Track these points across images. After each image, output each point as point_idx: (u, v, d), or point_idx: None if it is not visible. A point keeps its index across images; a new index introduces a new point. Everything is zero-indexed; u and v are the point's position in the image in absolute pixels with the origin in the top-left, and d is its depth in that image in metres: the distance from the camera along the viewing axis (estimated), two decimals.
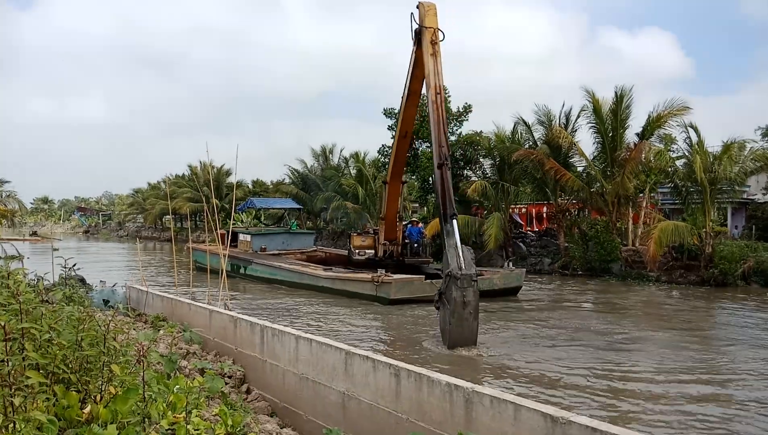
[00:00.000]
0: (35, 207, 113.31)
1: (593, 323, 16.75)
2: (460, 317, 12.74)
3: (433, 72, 15.32)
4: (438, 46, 15.51)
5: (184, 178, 64.49)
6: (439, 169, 14.53)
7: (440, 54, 15.51)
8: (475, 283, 12.97)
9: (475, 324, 12.90)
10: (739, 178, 26.11)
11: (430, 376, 5.11)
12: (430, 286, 19.97)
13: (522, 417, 4.26)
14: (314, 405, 6.64)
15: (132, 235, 75.59)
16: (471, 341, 12.89)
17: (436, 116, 14.94)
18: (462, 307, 12.69)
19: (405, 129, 21.36)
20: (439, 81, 15.28)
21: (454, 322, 12.80)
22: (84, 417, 3.19)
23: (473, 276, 12.92)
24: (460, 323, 12.76)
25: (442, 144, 14.69)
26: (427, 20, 15.79)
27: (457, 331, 12.83)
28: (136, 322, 10.65)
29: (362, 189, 42.19)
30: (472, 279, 12.83)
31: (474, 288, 12.88)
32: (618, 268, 27.13)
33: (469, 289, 12.75)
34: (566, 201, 31.81)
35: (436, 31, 15.58)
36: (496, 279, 21.47)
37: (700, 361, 12.35)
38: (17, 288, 3.18)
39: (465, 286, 12.72)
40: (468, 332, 12.84)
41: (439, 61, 15.43)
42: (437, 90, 15.17)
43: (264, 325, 7.77)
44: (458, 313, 12.73)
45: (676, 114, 26.70)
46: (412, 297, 19.38)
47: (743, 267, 23.74)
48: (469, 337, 12.87)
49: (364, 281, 20.54)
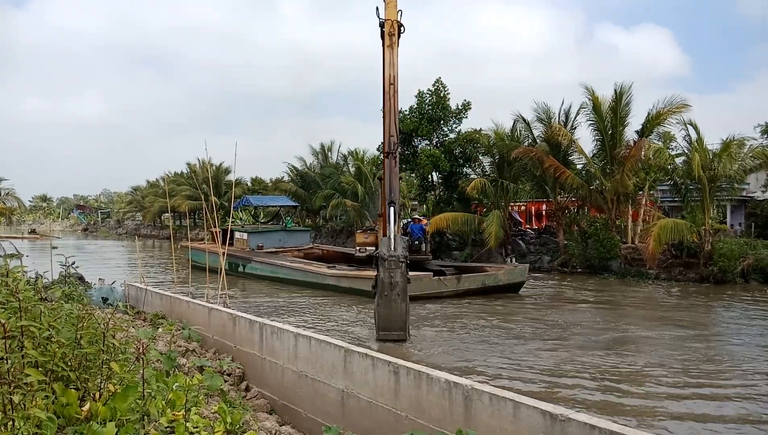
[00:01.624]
0: (34, 205, 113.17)
1: (583, 320, 16.76)
2: (388, 299, 12.82)
3: (388, 63, 15.46)
4: (395, 38, 15.63)
5: (182, 176, 64.41)
6: (386, 158, 14.77)
7: (397, 45, 15.65)
8: (403, 265, 13.00)
9: (403, 306, 12.87)
10: (739, 176, 26.13)
11: (429, 373, 5.12)
12: (439, 282, 20.09)
13: (521, 414, 4.26)
14: (313, 402, 6.64)
15: (131, 233, 75.58)
16: (400, 326, 12.85)
17: (389, 106, 15.17)
18: (390, 288, 12.79)
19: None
20: (394, 72, 15.45)
21: (382, 303, 12.90)
22: (83, 414, 3.19)
23: (400, 258, 12.99)
24: (388, 304, 12.84)
25: (392, 133, 14.92)
26: (387, 12, 15.90)
27: (384, 313, 12.90)
28: (135, 319, 10.65)
29: (361, 187, 42.18)
30: (399, 260, 12.91)
31: (402, 270, 12.93)
32: (617, 265, 27.15)
33: (397, 271, 12.87)
34: (566, 198, 31.81)
35: (393, 23, 15.67)
36: (500, 275, 21.62)
37: (699, 360, 12.37)
38: (16, 286, 3.18)
39: (392, 268, 12.84)
40: (396, 315, 12.83)
41: (395, 53, 15.56)
42: (391, 80, 15.37)
43: (263, 323, 7.77)
44: (386, 294, 12.82)
45: (675, 111, 26.69)
46: (421, 294, 19.48)
47: (742, 264, 23.76)
48: (397, 320, 12.84)
49: (371, 279, 20.49)
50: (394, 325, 12.88)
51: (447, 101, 37.54)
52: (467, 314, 17.62)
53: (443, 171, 36.35)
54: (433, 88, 37.60)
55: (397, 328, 12.89)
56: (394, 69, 15.45)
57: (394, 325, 12.87)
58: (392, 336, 12.83)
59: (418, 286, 19.76)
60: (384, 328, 12.95)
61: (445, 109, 37.35)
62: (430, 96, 37.59)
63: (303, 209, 50.21)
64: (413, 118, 37.47)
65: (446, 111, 37.45)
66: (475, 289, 21.09)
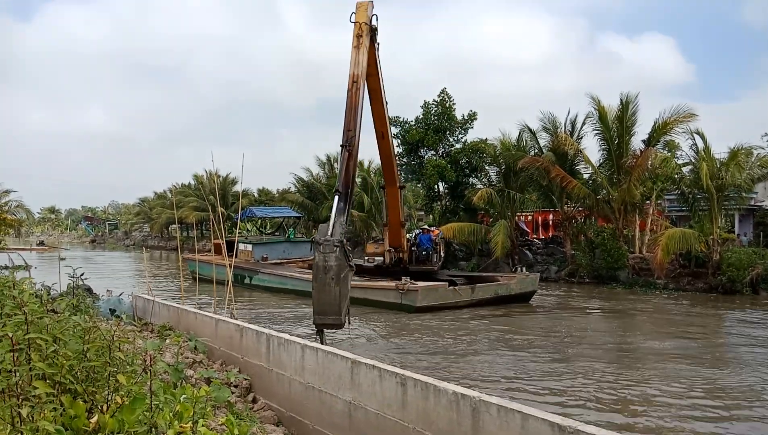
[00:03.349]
0: (42, 217, 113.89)
1: (592, 332, 16.65)
2: (322, 283, 12.78)
3: (354, 62, 16.13)
4: (362, 39, 16.29)
5: (189, 187, 64.71)
6: (341, 148, 15.17)
7: (364, 47, 16.26)
8: (338, 250, 12.94)
9: (336, 290, 12.72)
10: (747, 185, 26.02)
11: (436, 385, 5.09)
12: (454, 293, 20.13)
13: (529, 426, 4.23)
14: (320, 414, 6.61)
15: (138, 244, 75.87)
16: (334, 311, 12.79)
17: (349, 102, 15.65)
18: (323, 271, 12.74)
19: (380, 130, 21.37)
20: (358, 71, 15.97)
21: (316, 287, 12.83)
22: (91, 427, 3.19)
23: (336, 242, 13.01)
24: (322, 289, 12.75)
25: (349, 128, 15.31)
26: (357, 16, 16.64)
27: (318, 298, 12.86)
28: (142, 331, 10.66)
29: (368, 197, 42.24)
30: (334, 245, 12.92)
31: (336, 254, 12.91)
32: (625, 275, 27.01)
33: (331, 255, 12.82)
34: (572, 208, 31.72)
35: (362, 25, 16.36)
36: (513, 284, 21.71)
37: (708, 374, 12.26)
38: (22, 298, 3.19)
39: (327, 252, 12.81)
40: (331, 299, 12.76)
41: (362, 53, 16.16)
42: (354, 78, 15.90)
43: (270, 334, 7.76)
44: (320, 278, 12.80)
45: (682, 121, 26.64)
46: (437, 304, 19.59)
47: (751, 274, 23.58)
48: (331, 305, 12.74)
49: (387, 289, 20.45)
50: (328, 310, 12.81)
51: (453, 111, 37.62)
52: (479, 325, 17.56)
53: (449, 181, 36.38)
54: (438, 99, 37.71)
55: (332, 313, 12.80)
56: (358, 68, 16.01)
57: (328, 309, 12.81)
58: (327, 320, 12.74)
59: (434, 297, 19.86)
60: (319, 312, 12.96)
61: (450, 119, 37.43)
62: (436, 106, 37.70)
63: (309, 220, 50.27)
64: (419, 128, 37.56)
65: (452, 121, 37.53)
66: (488, 299, 21.14)
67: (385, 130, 21.25)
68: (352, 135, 15.18)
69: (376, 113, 20.69)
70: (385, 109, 20.52)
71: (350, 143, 15.00)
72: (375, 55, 18.18)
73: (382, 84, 19.61)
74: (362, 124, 16.63)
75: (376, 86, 19.67)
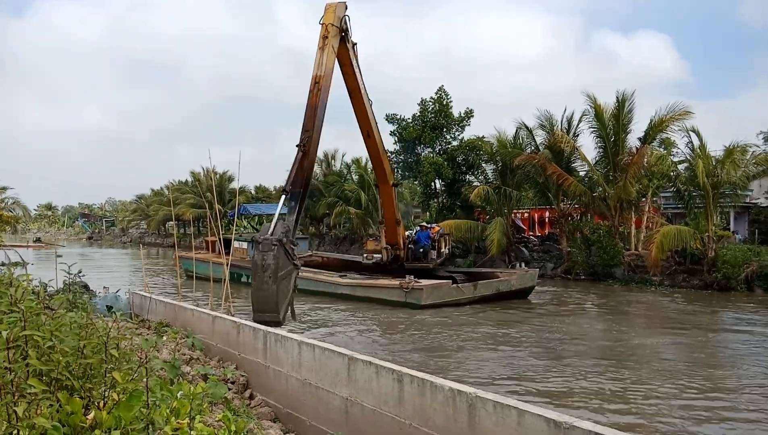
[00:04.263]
0: (39, 213, 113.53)
1: (587, 329, 16.70)
2: (260, 281, 12.98)
3: (317, 63, 16.30)
4: (328, 40, 16.49)
5: (186, 185, 64.55)
6: (297, 147, 15.30)
7: (329, 48, 16.47)
8: (276, 248, 13.10)
9: (273, 288, 12.93)
10: (742, 182, 26.07)
11: (433, 381, 5.10)
12: (457, 290, 20.25)
13: (526, 422, 4.25)
14: (317, 410, 6.62)
15: (135, 241, 75.70)
16: (272, 308, 12.90)
17: (308, 102, 15.87)
18: (261, 270, 12.93)
19: (365, 128, 21.37)
20: (320, 72, 16.15)
21: (254, 284, 13.06)
22: (88, 423, 3.19)
23: (274, 241, 13.14)
24: (260, 286, 12.98)
25: (307, 128, 15.53)
26: (324, 17, 16.90)
27: (256, 295, 13.05)
28: (139, 328, 10.65)
29: (365, 194, 42.21)
30: (272, 244, 13.06)
31: (274, 252, 13.05)
32: (621, 272, 27.07)
33: (269, 253, 13.05)
34: (569, 205, 31.77)
35: (328, 26, 16.61)
36: (513, 280, 21.83)
37: (704, 371, 12.31)
38: (19, 295, 3.19)
39: (265, 250, 13.02)
40: (268, 296, 12.93)
41: (326, 54, 16.36)
42: (316, 79, 16.07)
43: (267, 331, 7.76)
44: (258, 276, 12.95)
45: (678, 118, 26.68)
46: (441, 302, 19.76)
47: (746, 271, 23.66)
48: (269, 302, 12.90)
49: (391, 288, 20.46)
50: (266, 307, 12.98)
51: (450, 109, 37.60)
52: (479, 322, 17.60)
53: (446, 178, 36.37)
54: (435, 96, 37.68)
55: (270, 310, 12.96)
56: (321, 70, 16.20)
57: (266, 306, 12.98)
58: (266, 317, 12.83)
59: (438, 294, 19.97)
60: (258, 309, 13.11)
61: (447, 116, 37.41)
62: (433, 104, 37.67)
63: (306, 217, 50.21)
64: (416, 126, 37.52)
65: (449, 118, 37.51)
66: (489, 295, 21.25)
67: (371, 129, 21.20)
68: (308, 135, 15.35)
69: (359, 112, 20.75)
70: (367, 108, 20.54)
71: (305, 143, 15.18)
72: (349, 55, 18.41)
73: (361, 83, 19.70)
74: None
75: (354, 85, 19.78)
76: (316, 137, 15.63)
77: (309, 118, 15.64)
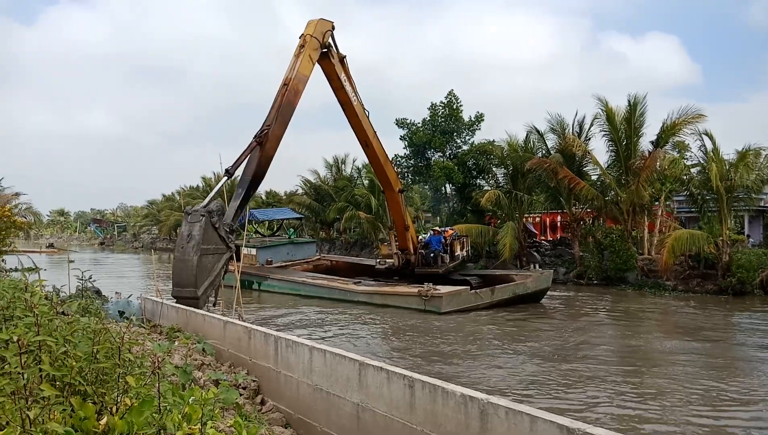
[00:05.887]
0: (52, 219, 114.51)
1: (601, 334, 16.56)
2: (183, 251, 12.89)
3: (290, 67, 17.40)
4: (304, 49, 17.49)
5: (198, 190, 64.88)
6: (254, 139, 15.86)
7: (304, 57, 17.39)
8: (203, 220, 13.03)
9: (194, 260, 12.76)
10: (756, 186, 25.83)
11: (444, 387, 5.08)
12: (475, 296, 20.30)
13: (538, 428, 4.21)
14: (328, 416, 6.61)
15: (147, 246, 76.08)
16: (191, 282, 12.70)
17: (275, 100, 16.71)
18: (186, 240, 12.91)
19: (362, 139, 21.50)
20: (291, 75, 17.07)
21: (177, 255, 12.95)
22: (100, 428, 3.20)
23: (202, 212, 13.11)
24: (182, 258, 12.86)
25: (269, 123, 16.22)
26: (305, 30, 18.04)
27: (177, 267, 12.94)
28: (151, 333, 10.71)
29: (375, 199, 42.17)
30: (201, 215, 13.03)
31: (201, 224, 12.97)
32: (634, 277, 26.87)
33: (197, 224, 13.02)
34: (581, 210, 31.58)
35: (306, 37, 17.70)
36: (529, 283, 21.82)
37: (720, 378, 12.17)
38: (33, 300, 3.20)
39: (193, 221, 13.03)
40: (188, 268, 12.76)
41: (300, 61, 17.30)
42: (286, 81, 16.99)
43: (278, 336, 7.77)
44: (182, 246, 12.87)
45: (691, 121, 26.50)
46: (459, 308, 19.78)
47: (761, 275, 23.41)
48: (188, 275, 12.73)
49: (410, 295, 20.40)
50: (185, 281, 12.76)
51: (460, 113, 37.57)
52: (494, 329, 17.54)
53: (457, 183, 36.32)
54: (445, 100, 37.67)
55: (189, 284, 12.69)
56: (292, 73, 17.12)
57: (185, 281, 12.76)
58: (183, 293, 12.67)
59: (457, 301, 19.97)
60: (176, 284, 12.94)
61: (458, 121, 37.38)
62: (443, 108, 37.65)
63: (317, 222, 50.28)
64: (426, 130, 37.51)
65: (459, 123, 37.47)
66: (507, 299, 21.25)
67: (368, 139, 21.33)
68: (266, 130, 16.00)
69: (354, 124, 20.96)
70: (362, 119, 20.80)
71: (261, 136, 15.83)
72: (335, 69, 19.09)
73: (352, 96, 20.07)
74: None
75: (345, 99, 20.13)
76: (276, 134, 16.21)
77: (271, 114, 16.43)
